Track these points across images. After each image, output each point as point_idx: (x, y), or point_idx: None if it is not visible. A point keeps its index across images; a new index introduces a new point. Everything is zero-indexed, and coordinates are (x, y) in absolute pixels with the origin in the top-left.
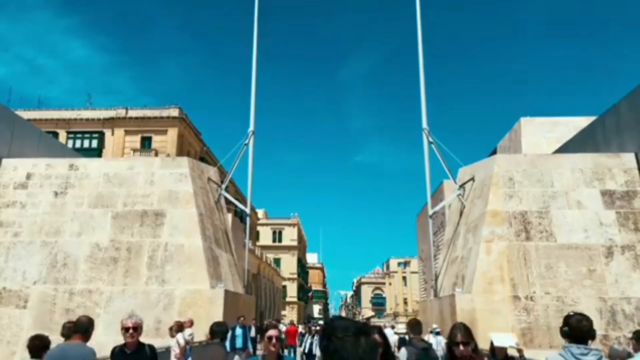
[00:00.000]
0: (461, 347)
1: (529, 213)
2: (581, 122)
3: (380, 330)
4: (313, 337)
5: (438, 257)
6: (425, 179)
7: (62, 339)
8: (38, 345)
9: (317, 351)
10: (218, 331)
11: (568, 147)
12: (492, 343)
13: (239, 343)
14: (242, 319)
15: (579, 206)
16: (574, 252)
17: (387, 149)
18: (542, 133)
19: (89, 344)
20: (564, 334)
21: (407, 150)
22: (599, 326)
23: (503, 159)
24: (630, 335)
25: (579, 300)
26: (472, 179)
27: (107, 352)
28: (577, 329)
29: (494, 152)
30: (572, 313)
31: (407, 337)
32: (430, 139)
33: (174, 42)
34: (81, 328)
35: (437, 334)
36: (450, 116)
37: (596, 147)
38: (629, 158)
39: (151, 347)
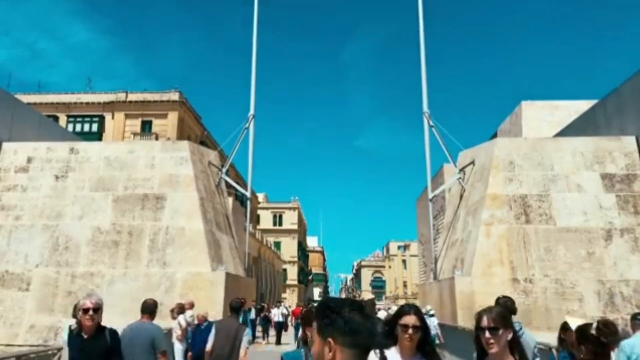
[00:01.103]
0: (487, 334)
1: (529, 196)
2: (582, 105)
3: (418, 311)
4: None
5: (438, 241)
6: (426, 162)
7: (71, 320)
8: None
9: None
10: (235, 306)
11: (569, 131)
12: (564, 328)
13: None
14: (242, 301)
15: (579, 189)
16: (573, 235)
17: (387, 133)
18: (543, 117)
19: None
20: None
21: (408, 134)
22: (596, 308)
23: (503, 142)
24: (628, 317)
25: (577, 282)
26: (473, 163)
27: None
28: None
29: (494, 136)
30: (500, 296)
31: None
32: (431, 123)
33: (174, 20)
34: (147, 309)
35: (431, 315)
36: (452, 100)
37: (597, 131)
38: (630, 141)
39: (112, 331)
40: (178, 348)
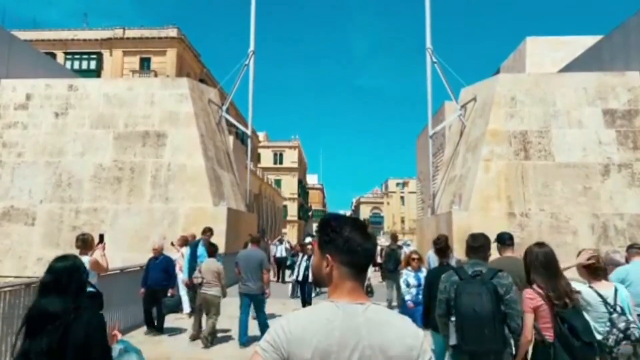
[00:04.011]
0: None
1: (529, 132)
2: (588, 41)
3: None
4: (310, 259)
5: (436, 177)
6: (427, 99)
7: (76, 251)
8: (214, 249)
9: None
10: (256, 238)
11: (573, 67)
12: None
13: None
14: (250, 237)
15: (580, 125)
16: (571, 170)
17: (388, 71)
18: (547, 53)
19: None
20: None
21: (409, 73)
22: (590, 241)
23: (506, 78)
24: (620, 249)
25: (572, 216)
26: (474, 99)
27: (113, 266)
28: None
29: (497, 73)
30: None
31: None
32: (434, 59)
33: None
34: (256, 240)
35: (408, 245)
36: (455, 37)
37: (602, 67)
38: (634, 76)
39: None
40: (182, 278)
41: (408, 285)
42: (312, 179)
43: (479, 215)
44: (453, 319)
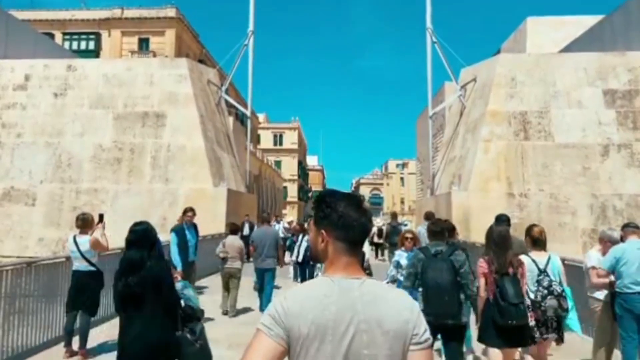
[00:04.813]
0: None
1: (529, 113)
2: (589, 21)
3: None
4: None
5: (436, 158)
6: (427, 80)
7: (76, 230)
8: (234, 228)
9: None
10: (265, 217)
11: (574, 47)
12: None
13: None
14: (247, 217)
15: (579, 106)
16: (570, 151)
17: (389, 52)
18: (548, 33)
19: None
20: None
21: (410, 54)
22: (588, 221)
23: (506, 58)
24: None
25: (571, 197)
26: (474, 80)
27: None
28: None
29: (498, 54)
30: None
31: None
32: (434, 39)
33: None
34: (267, 219)
35: (405, 225)
36: (456, 16)
37: (602, 47)
38: (635, 56)
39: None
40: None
41: (399, 266)
42: (312, 160)
43: (478, 195)
44: (420, 289)
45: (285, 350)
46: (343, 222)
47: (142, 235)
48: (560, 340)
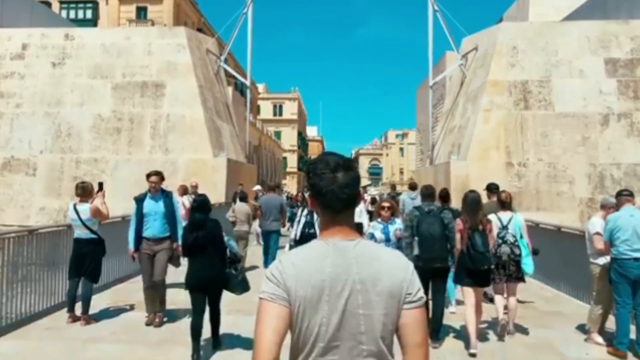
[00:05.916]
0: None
1: (529, 82)
2: None
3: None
4: (310, 213)
5: (436, 128)
6: (428, 50)
7: (76, 199)
8: (243, 195)
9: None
10: (272, 186)
11: (576, 16)
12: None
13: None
14: (240, 186)
15: (581, 75)
16: (570, 120)
17: (390, 21)
18: (551, 1)
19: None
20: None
21: (411, 23)
22: (586, 190)
23: (508, 27)
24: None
25: (569, 166)
26: (475, 49)
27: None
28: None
29: (500, 22)
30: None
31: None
32: (436, 7)
33: None
34: (274, 186)
35: (399, 194)
36: None
37: (606, 15)
38: (638, 25)
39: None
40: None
41: (373, 238)
42: (311, 131)
43: (477, 165)
44: (416, 238)
45: (290, 311)
46: (316, 190)
47: (202, 203)
48: (520, 279)
